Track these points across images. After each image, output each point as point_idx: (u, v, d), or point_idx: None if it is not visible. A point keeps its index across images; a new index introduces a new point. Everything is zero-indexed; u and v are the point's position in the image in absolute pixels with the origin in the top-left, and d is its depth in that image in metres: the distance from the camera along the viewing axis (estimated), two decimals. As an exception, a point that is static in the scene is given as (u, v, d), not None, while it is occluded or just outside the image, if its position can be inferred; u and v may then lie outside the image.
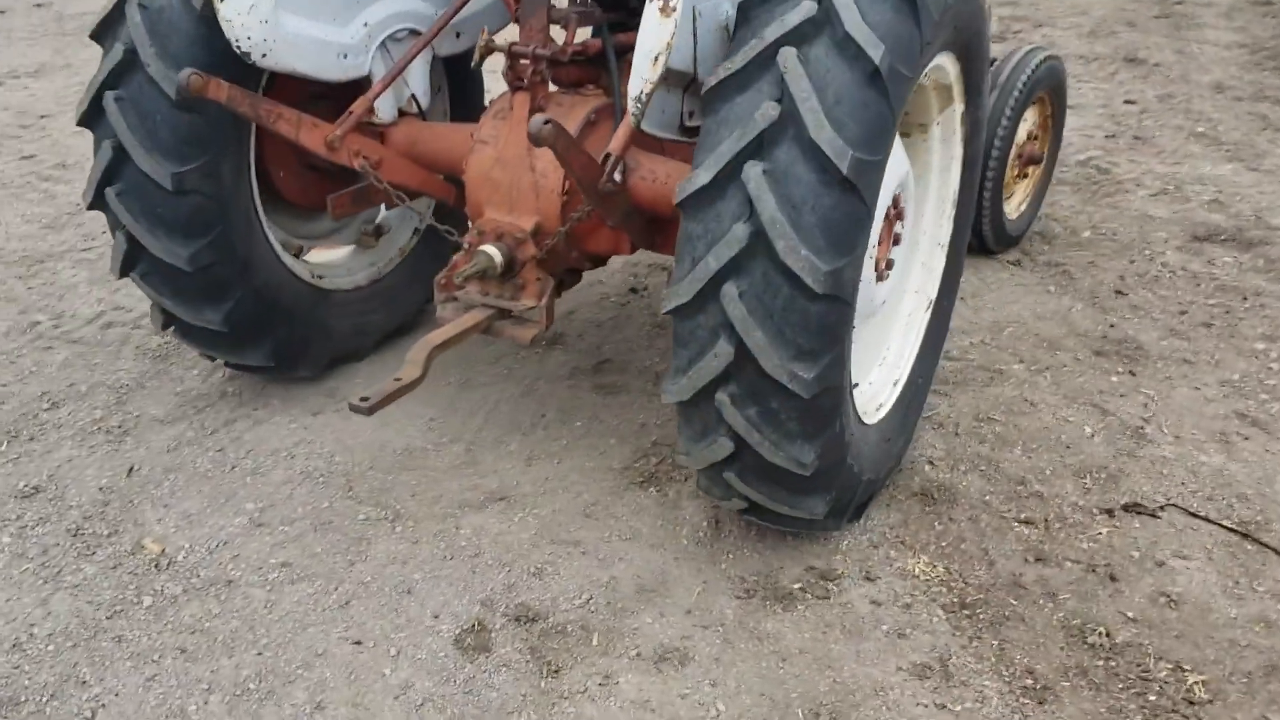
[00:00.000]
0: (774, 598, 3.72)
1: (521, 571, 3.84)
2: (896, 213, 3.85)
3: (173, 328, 4.51)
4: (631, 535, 4.04)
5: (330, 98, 4.43)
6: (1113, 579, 3.80)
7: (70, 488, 4.25)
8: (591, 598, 3.71)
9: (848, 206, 3.02)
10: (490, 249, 3.96)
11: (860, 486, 3.77)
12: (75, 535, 3.98)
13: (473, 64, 4.26)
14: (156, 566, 3.84)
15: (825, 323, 3.10)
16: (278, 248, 4.60)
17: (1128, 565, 3.86)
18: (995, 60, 5.82)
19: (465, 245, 4.08)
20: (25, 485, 4.24)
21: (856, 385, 3.83)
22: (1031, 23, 11.64)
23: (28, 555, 3.86)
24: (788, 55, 3.01)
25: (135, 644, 3.50)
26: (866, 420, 3.90)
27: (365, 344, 5.19)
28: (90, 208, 4.22)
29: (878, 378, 4.24)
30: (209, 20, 3.85)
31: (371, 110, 4.34)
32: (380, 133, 4.55)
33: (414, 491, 4.30)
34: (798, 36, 3.04)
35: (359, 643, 3.52)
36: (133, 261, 4.29)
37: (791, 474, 3.36)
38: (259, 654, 3.47)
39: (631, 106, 3.35)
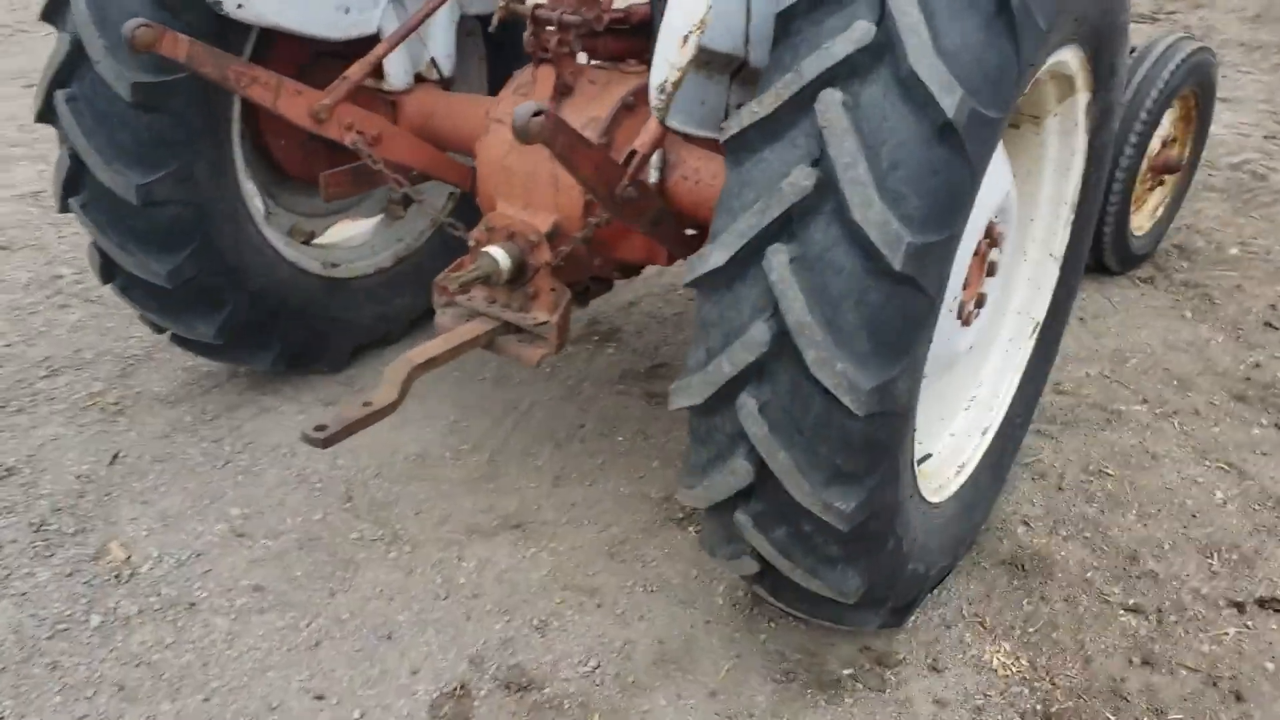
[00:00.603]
0: (818, 684, 3.09)
1: (523, 623, 3.28)
2: (992, 240, 3.14)
3: (168, 333, 4.07)
4: (659, 586, 3.44)
5: (343, 56, 3.84)
6: (1238, 698, 3.07)
7: (47, 473, 3.83)
8: (599, 665, 3.13)
9: (902, 303, 2.34)
10: (496, 251, 3.36)
11: (927, 582, 3.12)
12: (38, 531, 3.55)
13: (490, 28, 3.65)
14: (117, 577, 3.39)
15: (871, 441, 2.45)
16: (278, 244, 4.08)
17: (1259, 680, 3.13)
18: (1134, 50, 4.97)
19: (471, 243, 3.49)
20: (0, 467, 3.84)
21: (926, 458, 3.16)
22: (1189, 3, 10.52)
23: (-20, 552, 3.45)
24: (829, 103, 2.32)
25: (71, 673, 3.04)
26: (938, 498, 3.22)
27: (393, 330, 4.66)
28: (61, 211, 3.76)
29: (962, 428, 3.54)
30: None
31: (380, 74, 3.77)
32: (392, 101, 3.98)
33: (420, 508, 3.76)
34: (845, 72, 2.34)
35: (321, 697, 3.01)
36: (110, 273, 3.83)
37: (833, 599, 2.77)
38: (205, 699, 2.98)
39: (653, 97, 2.70)
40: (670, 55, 2.62)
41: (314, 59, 4.02)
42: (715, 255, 2.48)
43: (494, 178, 3.61)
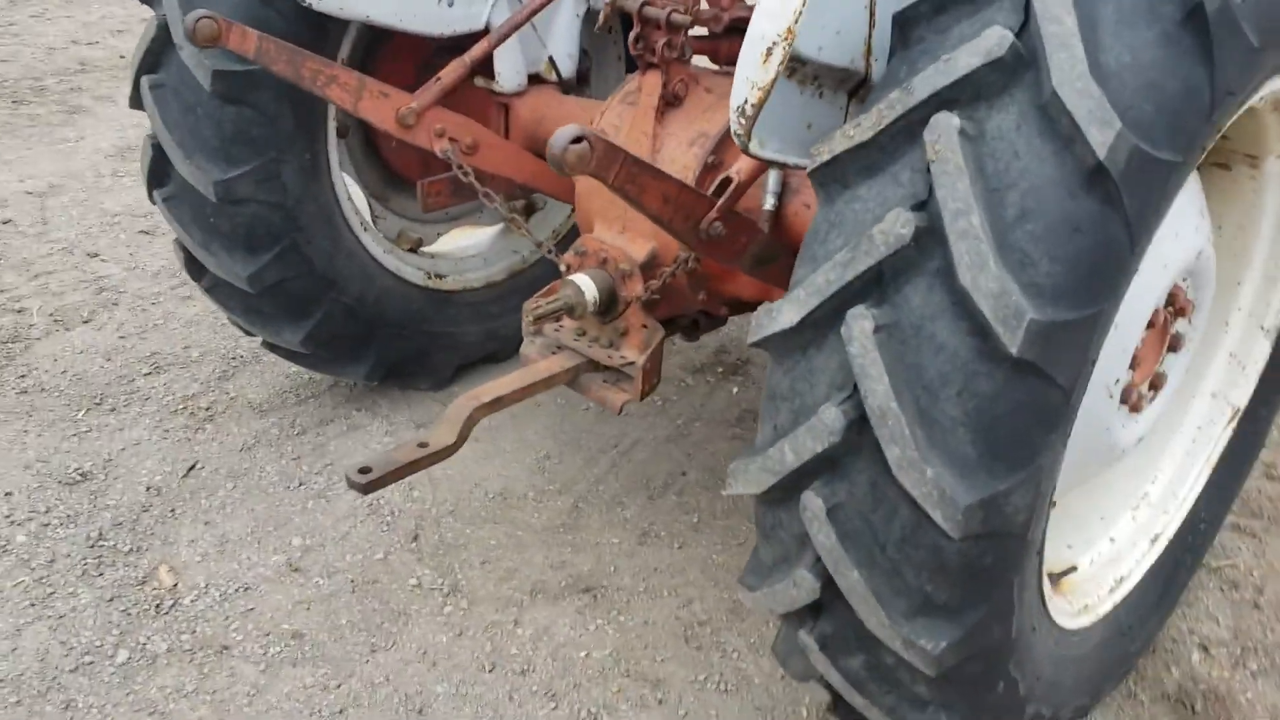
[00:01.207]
0: (903, 836, 2.53)
1: (570, 713, 2.85)
2: (1176, 309, 2.49)
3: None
4: (736, 684, 2.95)
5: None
6: None
7: (118, 481, 3.67)
8: (644, 778, 2.68)
9: (1021, 397, 1.78)
10: (582, 280, 2.93)
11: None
12: (93, 547, 3.38)
13: (595, 29, 3.21)
14: (157, 607, 3.17)
15: (971, 568, 1.89)
16: (377, 251, 3.79)
17: None
18: None
19: (563, 267, 3.09)
20: (75, 469, 3.71)
21: (1069, 572, 2.54)
22: None
23: (32, 564, 3.29)
24: (943, 130, 1.78)
25: (83, 715, 2.82)
26: (1082, 621, 2.59)
27: (501, 349, 4.32)
28: (151, 202, 3.59)
29: (1125, 534, 2.88)
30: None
31: (490, 75, 3.40)
32: (504, 104, 3.61)
33: (487, 556, 3.40)
34: (969, 93, 1.80)
35: (330, 777, 2.68)
36: (197, 271, 3.63)
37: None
38: (210, 764, 2.71)
39: (732, 121, 2.20)
40: (751, 70, 2.11)
41: (431, 58, 3.70)
42: (786, 312, 1.98)
43: (592, 196, 3.20)
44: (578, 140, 2.07)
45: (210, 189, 3.26)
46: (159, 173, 3.44)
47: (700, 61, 3.23)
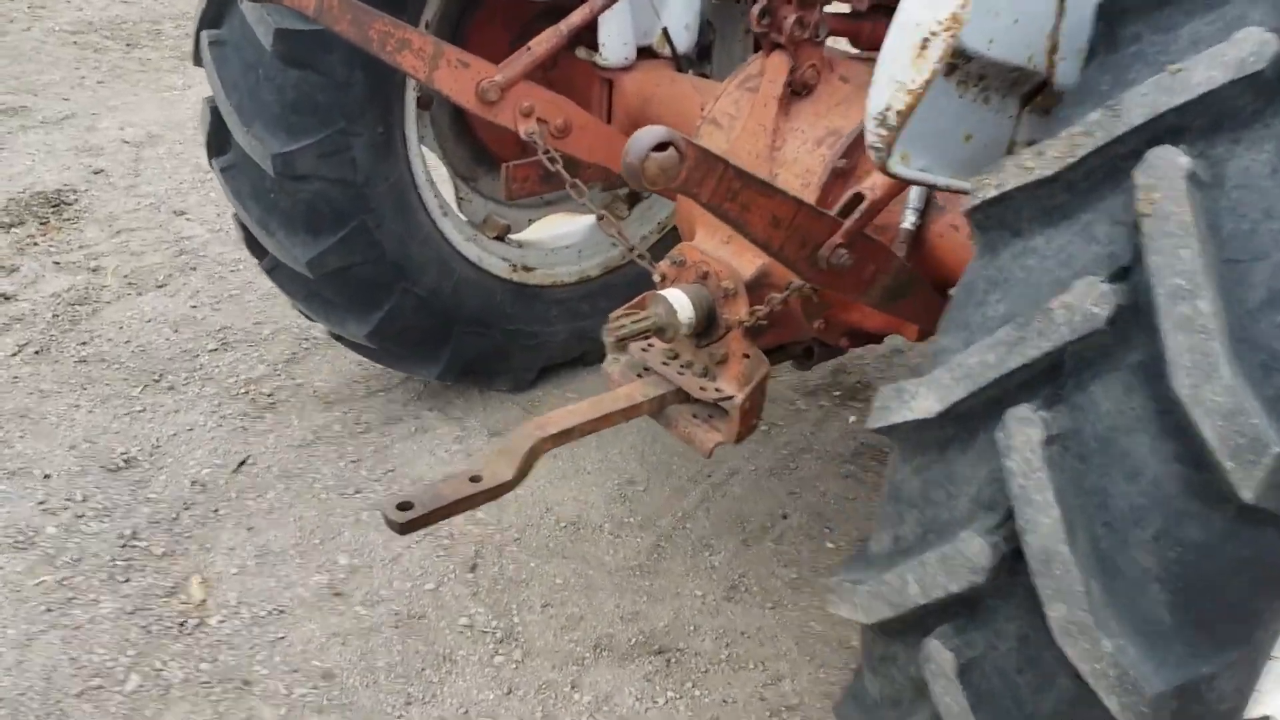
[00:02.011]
0: None
1: (622, 809, 2.43)
2: None
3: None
4: (822, 791, 2.48)
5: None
6: None
7: (164, 471, 3.37)
8: None
9: (1246, 554, 1.27)
10: (677, 297, 2.47)
11: None
12: (124, 546, 3.08)
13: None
14: (181, 626, 2.84)
15: None
16: (456, 239, 3.38)
17: None
18: None
19: (656, 278, 2.63)
20: (122, 454, 3.41)
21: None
22: None
23: (57, 561, 3.00)
24: (1163, 171, 1.29)
25: (80, 751, 2.52)
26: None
27: (590, 351, 3.89)
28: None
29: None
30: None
31: (594, 46, 2.94)
32: (609, 80, 3.14)
33: (551, 598, 2.98)
34: (1204, 121, 1.30)
35: None
36: (257, 250, 3.28)
37: None
38: (208, 828, 2.36)
39: (869, 132, 1.70)
40: (899, 67, 1.61)
41: (532, 25, 3.27)
42: (924, 398, 1.49)
43: (694, 197, 2.72)
44: (662, 146, 1.59)
45: (269, 162, 2.89)
46: (217, 139, 3.09)
47: (836, 43, 2.72)
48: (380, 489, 3.34)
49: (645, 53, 3.24)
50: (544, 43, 2.78)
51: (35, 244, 4.56)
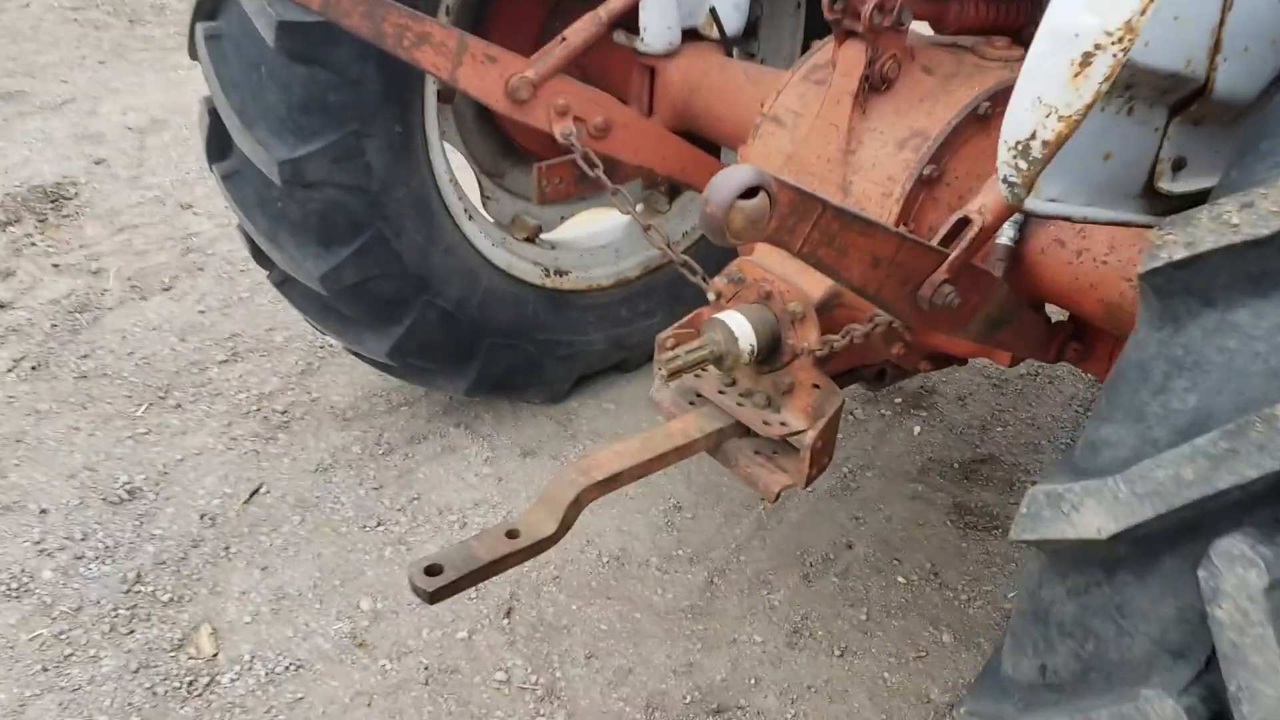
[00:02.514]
0: None
1: None
2: None
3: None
4: None
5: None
6: None
7: (171, 502, 3.09)
8: None
9: None
10: (737, 321, 2.16)
11: None
12: (128, 592, 2.81)
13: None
14: (190, 686, 2.58)
15: None
16: (484, 245, 3.08)
17: None
18: None
19: (711, 296, 2.32)
20: (125, 483, 3.14)
21: None
22: None
23: (54, 611, 2.74)
24: None
25: (79, 838, 2.26)
26: None
27: (631, 358, 3.58)
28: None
29: None
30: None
31: (632, 30, 2.61)
32: (650, 67, 2.82)
33: (595, 647, 2.70)
34: None
35: None
36: (265, 262, 2.99)
37: None
38: None
39: (1004, 164, 1.38)
40: (1049, 86, 1.28)
41: (560, 5, 2.95)
42: (1091, 512, 1.19)
43: (755, 203, 2.40)
44: (750, 192, 1.28)
45: (275, 169, 2.59)
46: (217, 143, 2.78)
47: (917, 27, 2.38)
48: (404, 521, 3.06)
49: (689, 35, 2.91)
50: (581, 32, 2.46)
51: (33, 244, 4.27)
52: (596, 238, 3.50)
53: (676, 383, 2.45)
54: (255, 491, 3.14)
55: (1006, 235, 2.13)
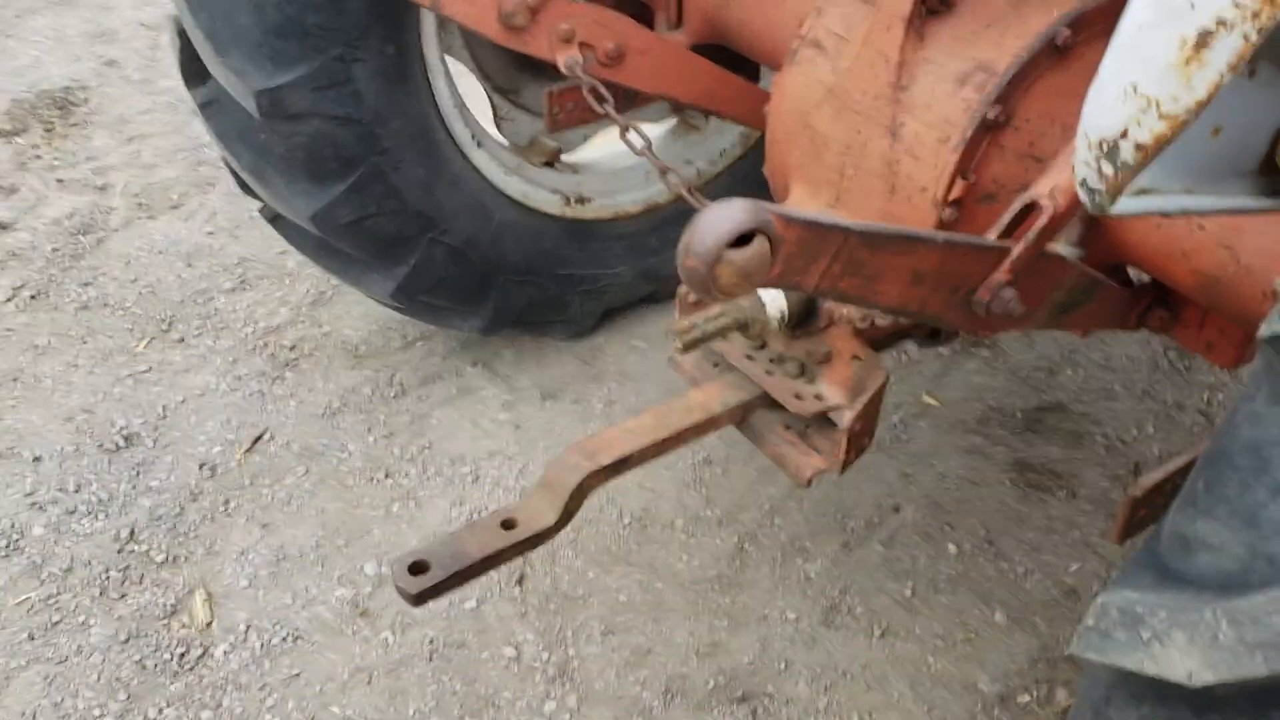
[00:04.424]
0: None
1: None
2: None
3: None
4: None
5: None
6: None
7: (170, 450, 2.91)
8: None
9: None
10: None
11: None
12: (121, 551, 2.65)
13: None
14: (181, 658, 2.43)
15: None
16: (495, 174, 2.79)
17: None
18: None
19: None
20: (122, 429, 2.96)
21: None
22: None
23: (43, 572, 2.60)
24: None
25: (59, 830, 2.14)
26: None
27: (660, 290, 3.29)
28: None
29: None
30: None
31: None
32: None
33: (612, 622, 2.50)
34: None
35: None
36: (255, 195, 2.72)
37: None
38: None
39: (1083, 165, 1.05)
40: (1148, 74, 0.95)
41: None
42: (1183, 652, 0.92)
43: (789, 142, 2.10)
44: (741, 242, 0.99)
45: (251, 100, 2.31)
46: (192, 69, 2.50)
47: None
48: (414, 473, 2.85)
49: (723, -67, 2.54)
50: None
51: (39, 156, 4.05)
52: (623, 157, 3.15)
53: (699, 352, 2.18)
54: (258, 438, 2.95)
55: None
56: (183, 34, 2.44)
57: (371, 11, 2.32)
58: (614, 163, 3.15)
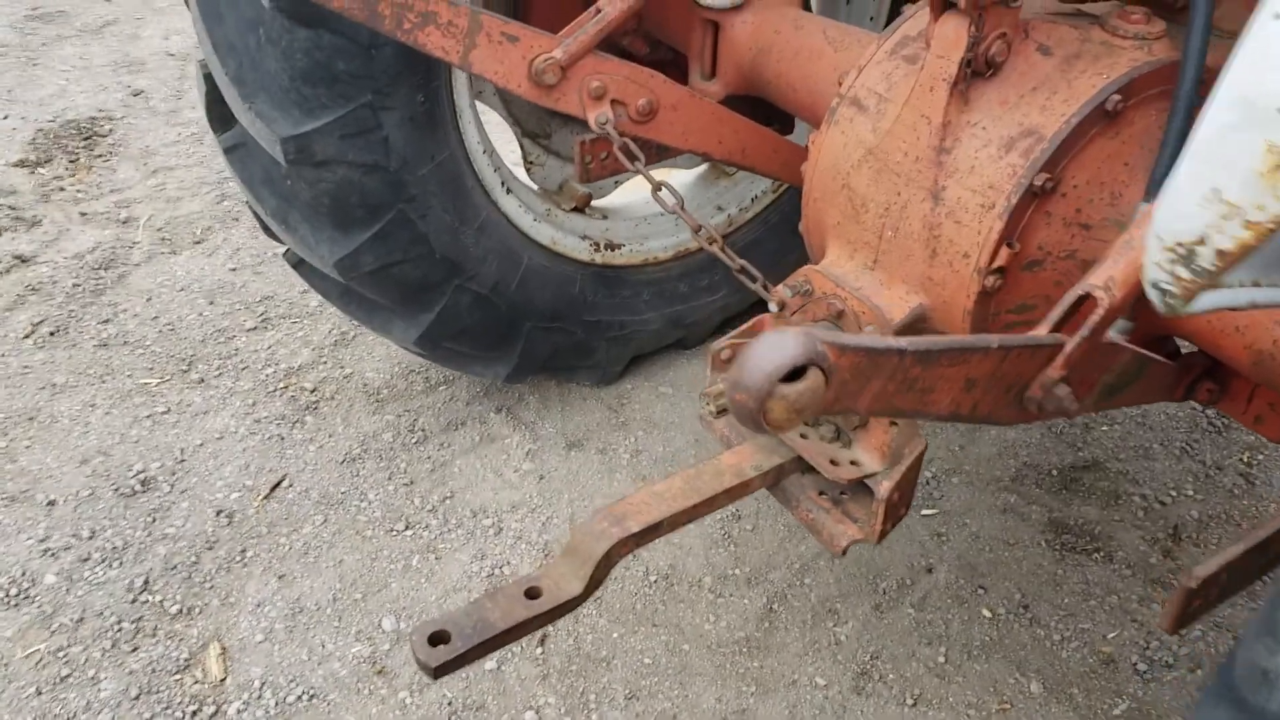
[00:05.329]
0: None
1: None
2: None
3: None
4: None
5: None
6: None
7: (187, 495, 2.86)
8: None
9: None
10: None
11: None
12: (135, 601, 2.60)
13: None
14: (193, 716, 2.36)
15: None
16: (524, 221, 2.75)
17: None
18: None
19: (773, 305, 1.97)
20: (139, 473, 2.92)
21: None
22: None
23: (54, 623, 2.54)
24: None
25: None
26: None
27: (690, 335, 3.24)
28: None
29: None
30: None
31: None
32: (713, 22, 2.41)
33: (636, 686, 2.42)
34: None
35: None
36: (280, 241, 2.68)
37: None
38: None
39: (1154, 266, 0.98)
40: (1235, 179, 0.88)
41: None
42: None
43: (827, 201, 2.04)
44: (792, 378, 0.94)
45: (278, 146, 2.26)
46: (218, 112, 2.46)
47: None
48: (435, 525, 2.79)
49: (760, -19, 2.49)
50: (619, 1, 2.06)
51: (62, 189, 4.03)
52: (653, 203, 3.10)
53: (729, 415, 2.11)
54: (277, 485, 2.90)
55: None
56: (208, 78, 2.40)
57: (402, 58, 2.27)
58: (643, 208, 3.10)
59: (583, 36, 2.08)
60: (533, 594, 1.81)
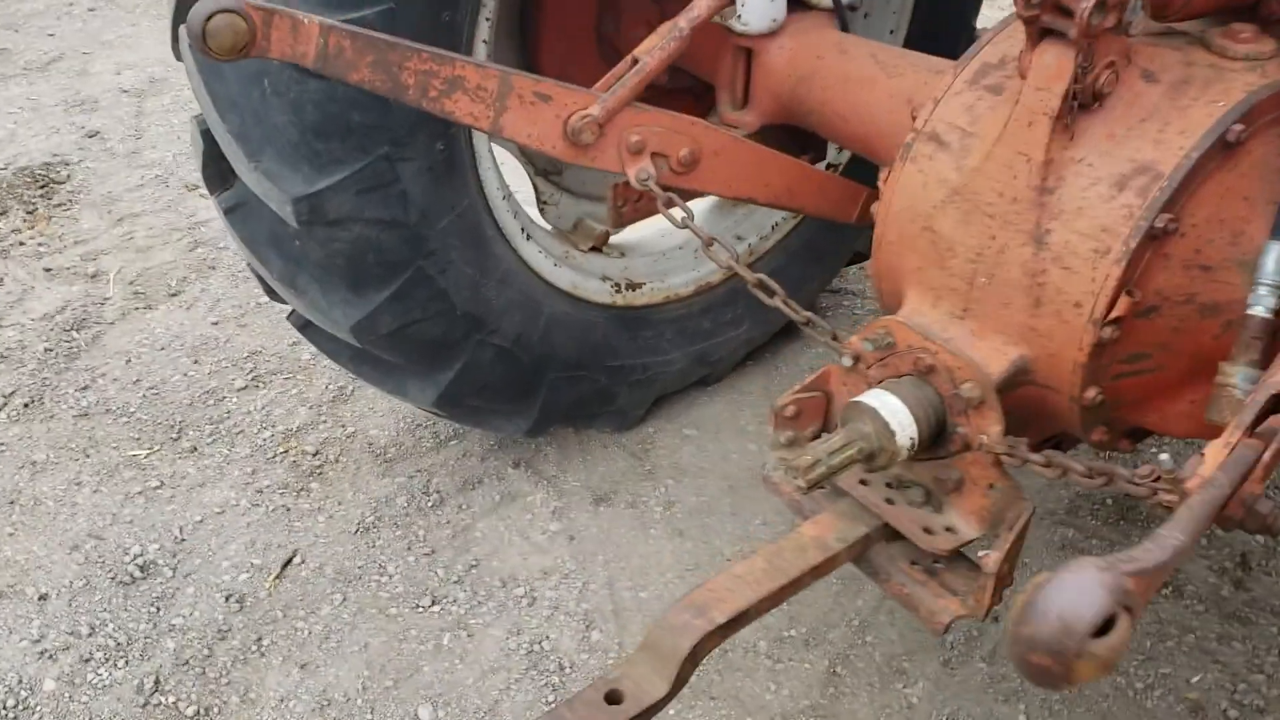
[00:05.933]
0: None
1: None
2: None
3: None
4: None
5: None
6: None
7: (190, 580, 2.64)
8: None
9: None
10: (892, 408, 1.68)
11: None
12: (146, 706, 2.37)
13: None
14: (222, 835, 2.16)
15: None
16: (544, 266, 2.58)
17: None
18: None
19: (846, 361, 1.82)
20: (136, 556, 2.69)
21: None
22: None
23: (60, 735, 2.32)
24: None
25: None
26: None
27: (713, 373, 3.08)
28: None
29: None
30: None
31: (726, 6, 2.04)
32: (746, 49, 2.25)
33: (704, 768, 2.25)
34: None
35: None
36: (282, 302, 2.48)
37: None
38: None
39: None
40: None
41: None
42: None
43: (904, 244, 1.88)
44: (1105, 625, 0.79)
45: (289, 207, 2.06)
46: (218, 170, 2.25)
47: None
48: (464, 597, 2.59)
49: (795, 4, 2.33)
50: (658, 52, 1.90)
51: (21, 243, 3.77)
52: (670, 236, 2.95)
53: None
54: (288, 562, 2.69)
55: (1262, 304, 1.59)
56: (206, 134, 2.18)
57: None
58: (661, 242, 2.94)
59: (621, 91, 1.91)
60: (614, 698, 1.64)
